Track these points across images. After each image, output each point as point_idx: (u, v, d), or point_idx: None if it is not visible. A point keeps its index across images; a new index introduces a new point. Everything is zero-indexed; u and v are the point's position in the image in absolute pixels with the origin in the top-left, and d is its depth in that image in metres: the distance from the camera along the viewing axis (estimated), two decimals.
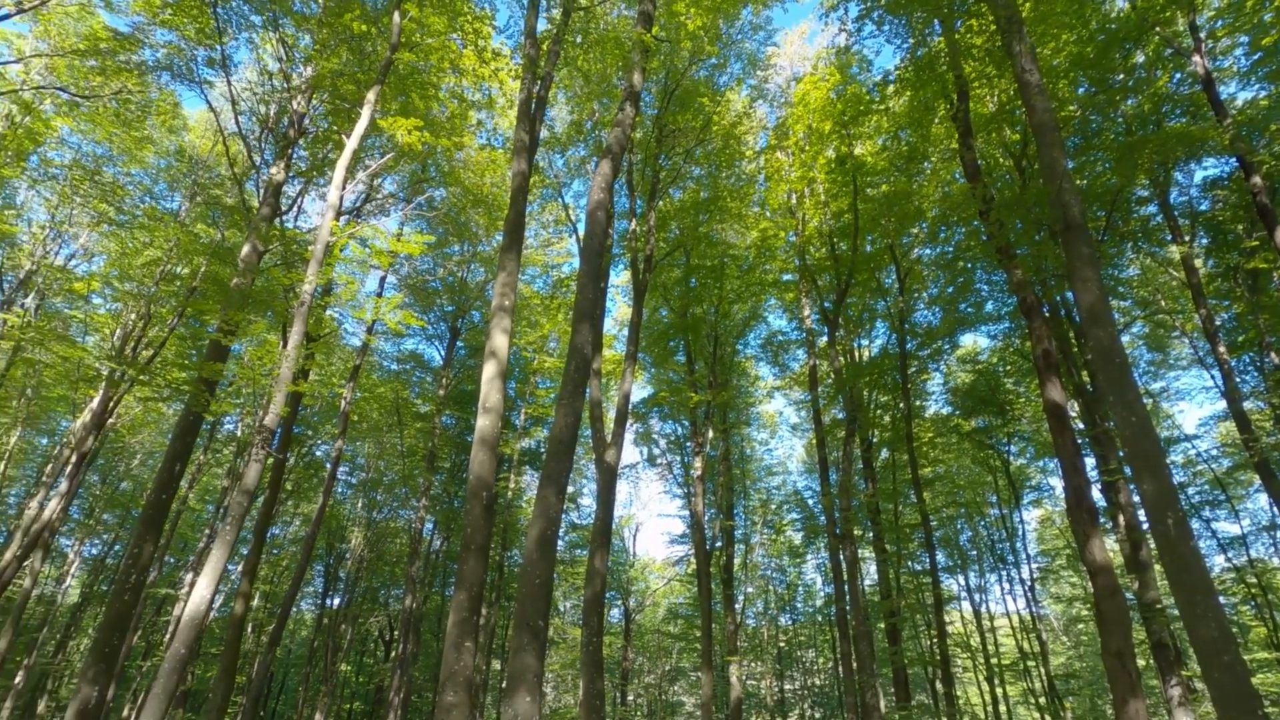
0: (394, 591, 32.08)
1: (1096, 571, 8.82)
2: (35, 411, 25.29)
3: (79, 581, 34.75)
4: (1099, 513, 10.33)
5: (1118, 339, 6.88)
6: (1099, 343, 6.89)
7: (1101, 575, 8.75)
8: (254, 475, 8.19)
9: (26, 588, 21.01)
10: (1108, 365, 6.73)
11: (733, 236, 20.38)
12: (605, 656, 24.81)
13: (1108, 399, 6.90)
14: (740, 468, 27.89)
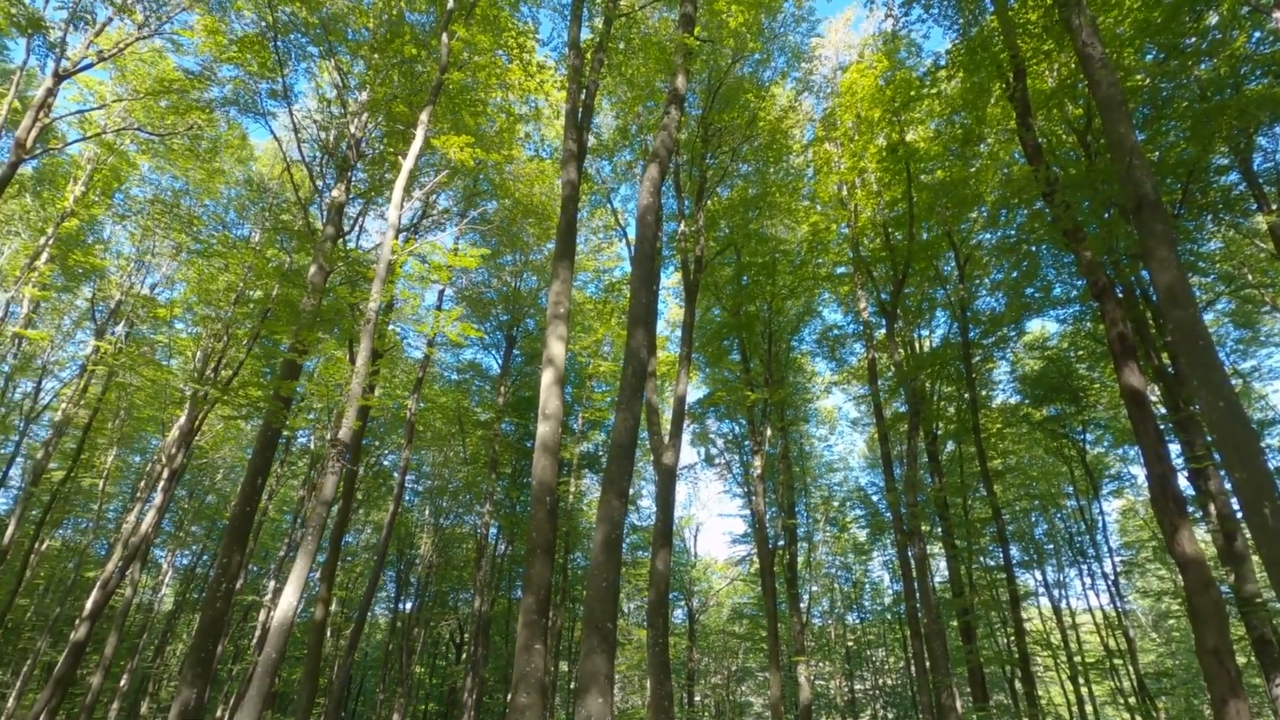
0: (462, 595, 32.90)
1: (1186, 564, 8.37)
2: (128, 431, 27.02)
3: (172, 590, 36.91)
4: (1187, 502, 9.79)
5: (1199, 318, 6.52)
6: (1179, 323, 6.56)
7: (1192, 568, 8.30)
8: (331, 487, 8.57)
9: (128, 596, 22.46)
10: (1190, 347, 6.39)
11: (783, 232, 20.16)
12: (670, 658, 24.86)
13: (1191, 382, 6.55)
14: (800, 465, 27.53)
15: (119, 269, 24.47)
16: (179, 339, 22.09)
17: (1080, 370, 18.09)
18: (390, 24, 13.76)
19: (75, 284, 24.18)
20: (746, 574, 34.27)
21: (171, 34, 14.53)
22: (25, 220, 21.59)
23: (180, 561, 36.03)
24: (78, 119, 17.51)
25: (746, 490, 24.27)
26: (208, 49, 15.13)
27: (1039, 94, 12.60)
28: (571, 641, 33.06)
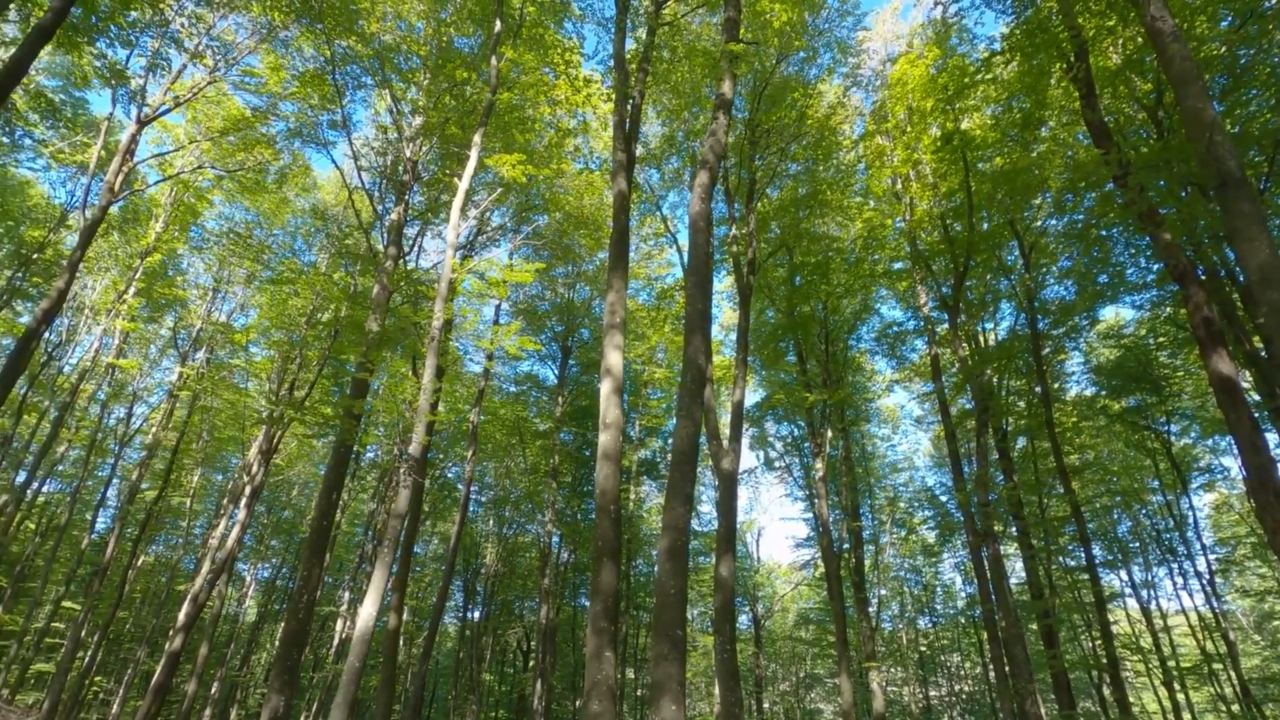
0: (528, 604, 33.39)
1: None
2: (211, 452, 28.53)
3: (255, 602, 38.69)
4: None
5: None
6: (1273, 306, 6.16)
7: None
8: (404, 501, 8.86)
9: (215, 608, 23.66)
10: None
11: (835, 230, 19.83)
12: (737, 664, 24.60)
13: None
14: (863, 466, 26.94)
15: (198, 298, 25.95)
16: (255, 362, 23.22)
17: (1161, 358, 17.16)
18: (440, 50, 14.21)
19: (159, 314, 25.75)
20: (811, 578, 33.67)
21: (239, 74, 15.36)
22: (114, 257, 23.12)
23: (262, 574, 37.78)
24: (157, 161, 18.68)
25: (808, 493, 23.90)
26: (271, 86, 15.96)
27: (1103, 72, 12.07)
28: (637, 648, 33.12)
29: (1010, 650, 14.29)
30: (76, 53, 12.69)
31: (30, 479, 21.25)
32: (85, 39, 11.48)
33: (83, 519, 28.98)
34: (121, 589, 22.78)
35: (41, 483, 24.94)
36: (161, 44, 13.38)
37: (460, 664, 31.81)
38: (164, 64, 14.56)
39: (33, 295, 22.43)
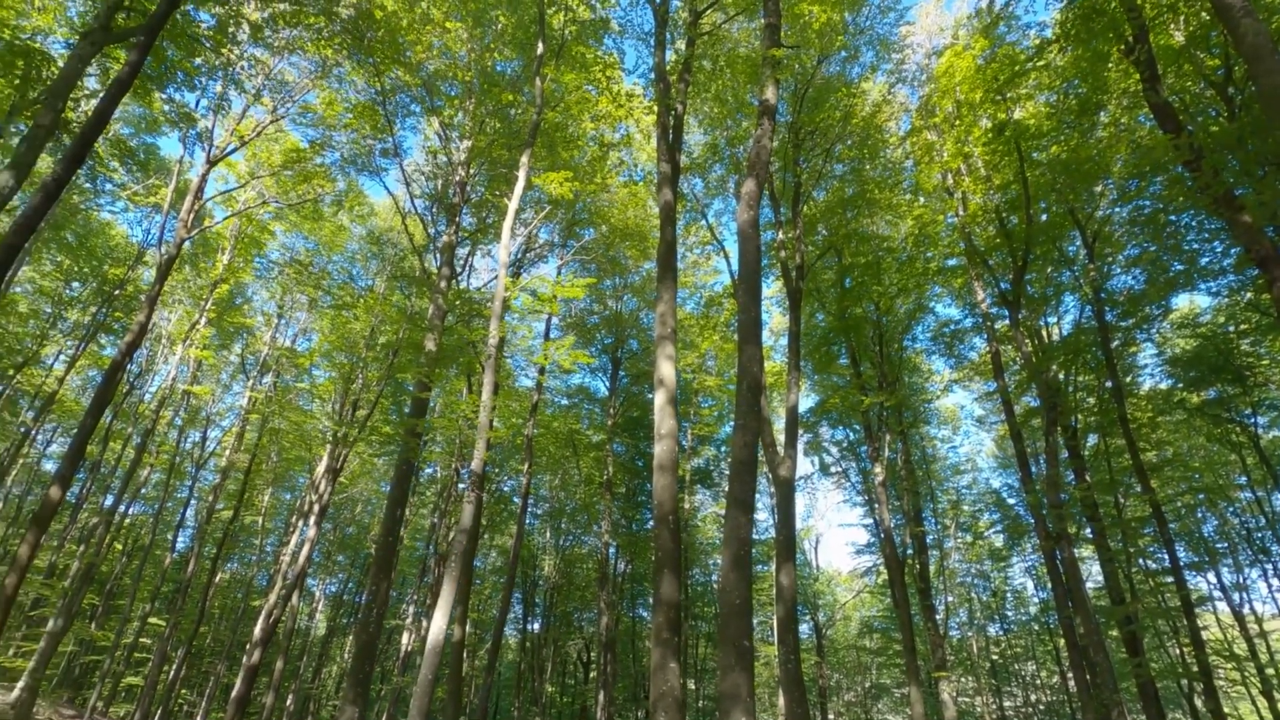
0: (586, 615, 33.55)
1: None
2: (280, 471, 29.67)
3: (324, 616, 39.96)
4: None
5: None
6: None
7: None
8: (469, 516, 9.06)
9: (288, 623, 24.55)
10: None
11: (885, 229, 19.46)
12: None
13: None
14: (923, 469, 26.22)
15: (264, 325, 27.14)
16: (318, 385, 24.10)
17: (1243, 346, 16.21)
18: (484, 75, 14.59)
19: (229, 342, 27.02)
20: (873, 585, 32.89)
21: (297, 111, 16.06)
22: (186, 289, 24.39)
23: (329, 589, 39.03)
24: (222, 197, 19.64)
25: (867, 498, 23.38)
26: (326, 119, 16.65)
27: (1166, 52, 11.56)
28: (697, 659, 32.89)
29: (1090, 657, 13.65)
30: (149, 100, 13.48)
31: (117, 502, 22.49)
32: (156, 87, 12.21)
33: (164, 539, 30.49)
34: (202, 605, 23.84)
35: (127, 505, 26.36)
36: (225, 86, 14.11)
37: (522, 676, 32.13)
38: (227, 105, 15.36)
39: (115, 329, 23.83)
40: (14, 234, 7.84)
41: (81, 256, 22.72)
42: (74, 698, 28.18)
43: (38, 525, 11.81)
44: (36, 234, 21.46)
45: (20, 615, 26.04)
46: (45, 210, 8.25)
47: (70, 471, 12.78)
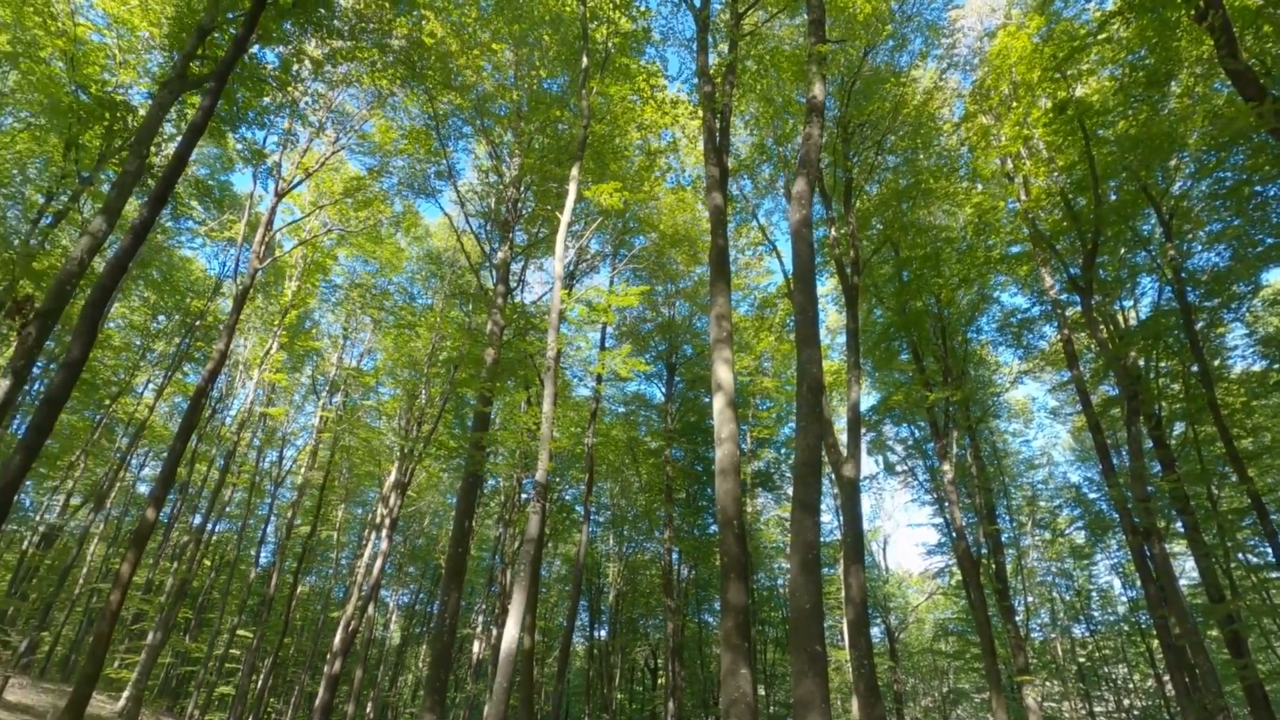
0: (652, 621, 33.57)
1: None
2: (352, 487, 30.80)
3: (398, 626, 41.19)
4: None
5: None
6: None
7: None
8: (535, 526, 9.22)
9: (365, 634, 25.42)
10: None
11: (942, 219, 18.90)
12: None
13: None
14: (994, 465, 25.28)
15: (330, 347, 28.29)
16: (384, 402, 24.95)
17: None
18: (532, 94, 14.90)
19: (300, 365, 28.27)
20: (946, 587, 31.83)
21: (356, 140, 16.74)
22: (259, 316, 25.66)
23: (402, 600, 40.22)
24: (290, 228, 20.58)
25: (936, 497, 22.68)
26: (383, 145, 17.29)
27: (1243, 13, 10.89)
28: (765, 664, 32.46)
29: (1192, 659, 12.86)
30: (223, 140, 14.30)
31: (205, 521, 23.77)
32: (229, 128, 12.94)
33: (248, 555, 32.03)
34: (286, 617, 24.91)
35: (214, 524, 27.83)
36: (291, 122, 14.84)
37: (590, 683, 32.36)
38: (293, 139, 16.13)
39: (197, 358, 25.25)
40: (107, 275, 8.43)
41: (166, 291, 24.18)
42: (173, 706, 29.84)
43: (136, 545, 12.60)
44: (126, 273, 22.93)
45: (123, 629, 27.78)
46: (134, 251, 8.85)
47: (163, 493, 13.61)
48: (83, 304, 8.26)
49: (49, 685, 22.50)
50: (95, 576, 28.28)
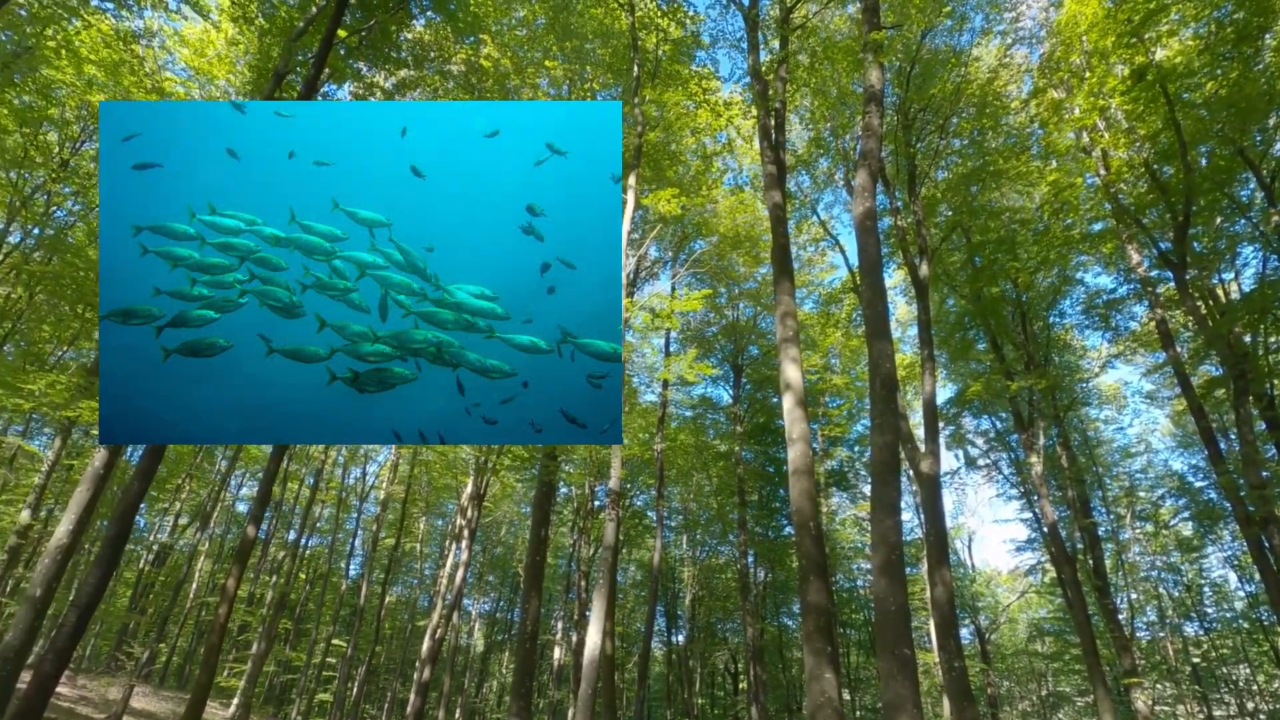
0: (729, 625, 33.30)
1: None
2: (431, 499, 31.89)
3: (481, 634, 42.30)
4: None
5: None
6: None
7: None
8: (611, 533, 9.32)
9: (451, 642, 26.21)
10: None
11: (1016, 200, 18.10)
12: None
13: None
14: (1085, 455, 23.95)
15: None
16: None
17: None
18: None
19: None
20: (1039, 585, 30.33)
21: None
22: None
23: (483, 608, 41.29)
24: None
25: (1024, 491, 21.68)
26: None
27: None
28: (849, 667, 31.67)
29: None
30: None
31: (299, 536, 25.07)
32: None
33: (339, 568, 33.58)
34: (377, 627, 25.98)
35: (307, 539, 29.32)
36: None
37: (671, 688, 32.33)
38: None
39: None
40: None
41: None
42: (277, 713, 31.56)
43: (239, 560, 13.42)
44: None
45: (230, 640, 29.59)
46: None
47: (260, 511, 14.44)
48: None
49: (168, 693, 24.20)
50: (203, 591, 30.23)
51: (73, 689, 19.54)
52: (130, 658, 24.48)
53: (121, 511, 8.41)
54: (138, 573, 27.41)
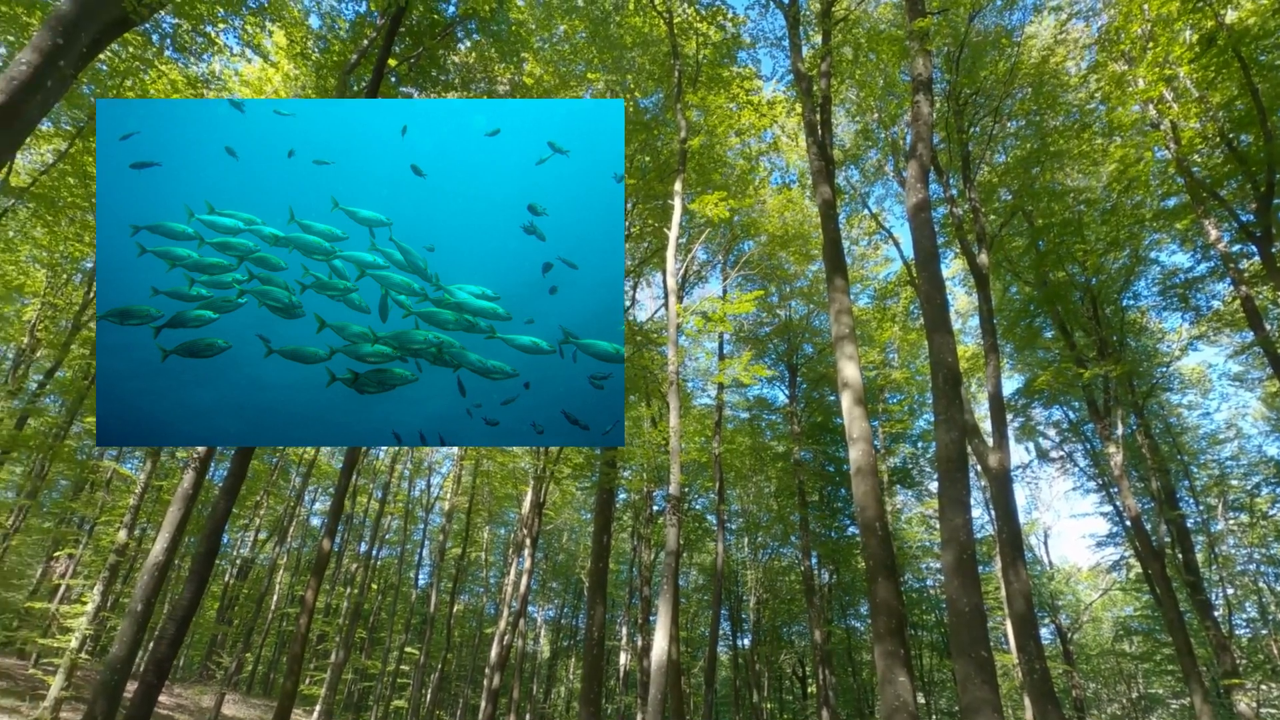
0: (795, 628, 32.80)
1: None
2: (494, 509, 32.54)
3: (547, 640, 42.83)
4: None
5: None
6: None
7: None
8: (673, 538, 9.34)
9: (519, 648, 26.64)
10: None
11: (1080, 180, 17.35)
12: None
13: None
14: (1169, 443, 22.69)
15: None
16: None
17: None
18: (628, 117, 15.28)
19: None
20: (1124, 581, 28.82)
21: None
22: None
23: (548, 614, 41.83)
24: None
25: (1102, 483, 20.69)
26: None
27: None
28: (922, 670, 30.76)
29: None
30: None
31: (370, 548, 25.94)
32: None
33: (408, 577, 34.58)
34: (447, 635, 26.64)
35: (377, 550, 30.34)
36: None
37: (738, 692, 32.04)
38: None
39: None
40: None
41: None
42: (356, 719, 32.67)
43: (316, 573, 13.99)
44: None
45: (310, 649, 30.82)
46: None
47: (334, 525, 15.03)
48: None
49: (256, 700, 25.36)
50: (283, 602, 31.58)
51: (170, 697, 20.70)
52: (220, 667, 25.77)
53: (211, 528, 8.90)
54: (223, 586, 28.85)
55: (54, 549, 21.71)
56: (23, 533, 20.38)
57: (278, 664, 33.09)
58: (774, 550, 30.38)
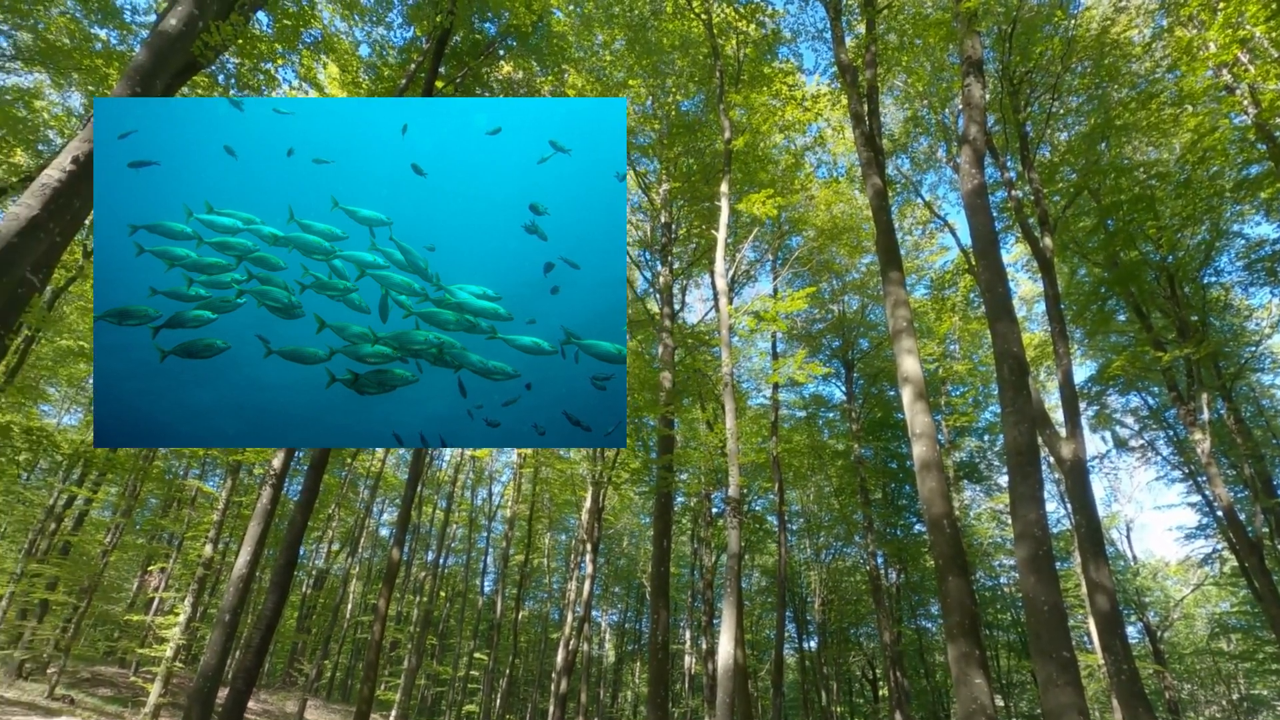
0: (863, 629, 32.06)
1: None
2: (554, 515, 32.96)
3: (611, 645, 43.06)
4: None
5: None
6: None
7: None
8: (735, 541, 9.28)
9: (585, 653, 26.87)
10: None
11: (1150, 153, 16.46)
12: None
13: None
14: (1262, 427, 21.26)
15: None
16: None
17: None
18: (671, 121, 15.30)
19: None
20: (1217, 576, 27.13)
21: None
22: None
23: (611, 619, 42.06)
24: None
25: (1188, 472, 19.54)
26: None
27: None
28: (999, 670, 29.62)
29: None
30: None
31: (437, 556, 26.63)
32: None
33: (475, 585, 35.34)
34: (514, 640, 27.09)
35: (444, 558, 31.10)
36: None
37: (807, 695, 31.49)
38: None
39: None
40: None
41: None
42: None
43: (387, 582, 14.46)
44: None
45: (384, 656, 31.83)
46: None
47: (402, 535, 15.50)
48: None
49: (335, 705, 26.34)
50: (357, 611, 32.72)
51: (256, 703, 21.72)
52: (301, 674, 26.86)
53: (289, 541, 9.32)
54: (301, 596, 30.08)
55: (147, 564, 23.08)
56: (119, 549, 21.73)
57: (354, 670, 34.29)
58: (837, 550, 29.78)
